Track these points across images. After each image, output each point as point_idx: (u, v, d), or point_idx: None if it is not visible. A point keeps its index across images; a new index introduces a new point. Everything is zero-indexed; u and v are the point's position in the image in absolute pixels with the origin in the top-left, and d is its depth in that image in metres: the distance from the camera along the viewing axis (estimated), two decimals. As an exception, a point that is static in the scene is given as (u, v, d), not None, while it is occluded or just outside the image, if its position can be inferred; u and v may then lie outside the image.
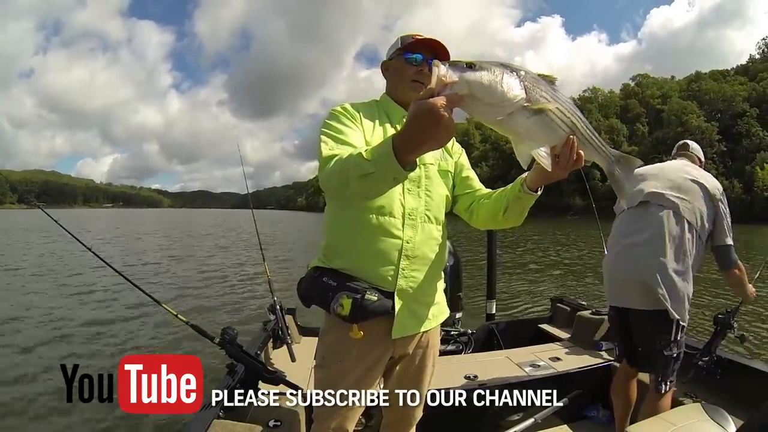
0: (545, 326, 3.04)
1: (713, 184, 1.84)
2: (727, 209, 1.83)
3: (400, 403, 1.27)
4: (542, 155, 0.85)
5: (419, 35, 1.19)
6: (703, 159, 2.05)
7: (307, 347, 2.25)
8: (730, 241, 1.82)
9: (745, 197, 45.48)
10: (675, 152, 2.08)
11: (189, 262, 11.29)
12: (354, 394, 1.13)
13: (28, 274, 9.41)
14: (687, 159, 2.00)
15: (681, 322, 1.70)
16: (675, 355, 1.71)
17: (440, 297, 1.26)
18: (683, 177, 1.83)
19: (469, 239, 12.83)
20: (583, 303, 2.99)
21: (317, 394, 1.17)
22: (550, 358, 2.37)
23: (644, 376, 1.98)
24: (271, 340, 2.29)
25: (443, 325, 2.88)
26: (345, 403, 1.13)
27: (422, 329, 1.19)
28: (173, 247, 15.25)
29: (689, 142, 2.10)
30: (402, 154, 0.79)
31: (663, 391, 1.72)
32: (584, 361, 2.35)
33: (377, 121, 1.18)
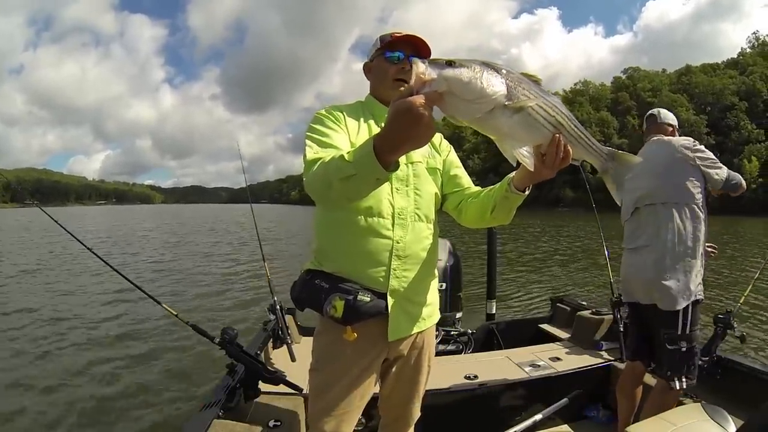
0: (545, 326, 3.03)
1: (681, 146, 1.83)
2: (706, 152, 1.83)
3: (398, 404, 1.28)
4: (524, 154, 0.84)
5: (398, 32, 1.17)
6: (675, 123, 2.00)
7: (307, 347, 2.23)
8: (725, 173, 1.84)
9: (734, 189, 46.37)
10: (646, 127, 2.05)
11: (188, 262, 11.28)
12: (349, 397, 1.12)
13: (23, 272, 9.41)
14: (658, 134, 1.96)
15: (691, 310, 1.70)
16: (684, 349, 1.69)
17: (433, 297, 1.25)
18: (659, 161, 1.84)
19: (469, 239, 12.82)
20: (583, 303, 2.99)
21: (312, 398, 1.16)
22: (550, 358, 2.36)
23: (650, 378, 1.98)
24: (271, 340, 2.29)
25: (443, 325, 2.88)
26: (340, 406, 1.12)
27: (416, 330, 1.18)
28: (171, 245, 15.26)
29: (655, 113, 2.03)
30: (383, 154, 0.78)
31: (677, 388, 1.70)
32: (584, 361, 2.34)
33: (362, 122, 1.18)
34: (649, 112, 2.05)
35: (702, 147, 1.85)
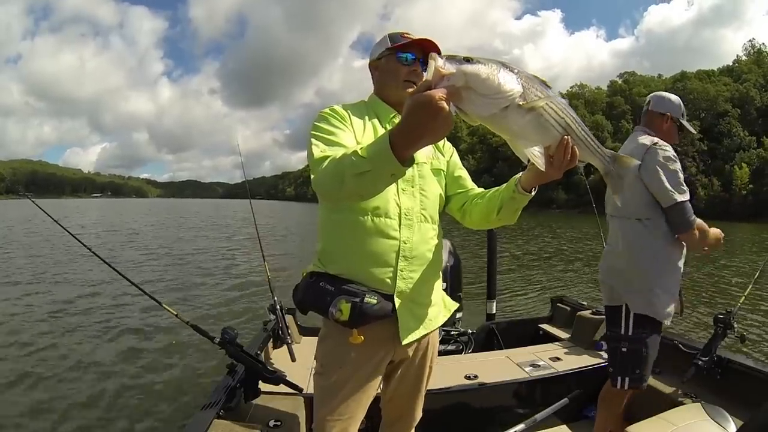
0: (545, 326, 3.03)
1: (641, 152, 1.62)
2: (666, 165, 1.59)
3: (401, 405, 1.27)
4: (536, 154, 0.85)
5: (409, 34, 1.17)
6: (670, 110, 1.75)
7: (307, 347, 2.25)
8: (678, 197, 1.58)
9: (724, 195, 46.80)
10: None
11: (188, 262, 11.28)
12: (355, 401, 1.11)
13: (17, 269, 9.40)
14: (641, 127, 1.80)
15: (633, 316, 1.66)
16: (626, 350, 1.67)
17: (439, 298, 1.25)
18: None
19: (469, 239, 12.82)
20: (583, 303, 2.99)
21: (317, 403, 1.14)
22: (550, 358, 2.36)
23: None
24: (271, 340, 2.29)
25: (443, 325, 2.88)
26: (346, 411, 1.10)
27: (425, 331, 1.17)
28: (171, 243, 15.24)
29: (649, 97, 1.82)
30: (399, 149, 0.76)
31: (616, 386, 1.69)
32: (584, 361, 2.35)
33: (366, 121, 1.16)
34: (648, 97, 1.85)
35: (662, 155, 1.61)
